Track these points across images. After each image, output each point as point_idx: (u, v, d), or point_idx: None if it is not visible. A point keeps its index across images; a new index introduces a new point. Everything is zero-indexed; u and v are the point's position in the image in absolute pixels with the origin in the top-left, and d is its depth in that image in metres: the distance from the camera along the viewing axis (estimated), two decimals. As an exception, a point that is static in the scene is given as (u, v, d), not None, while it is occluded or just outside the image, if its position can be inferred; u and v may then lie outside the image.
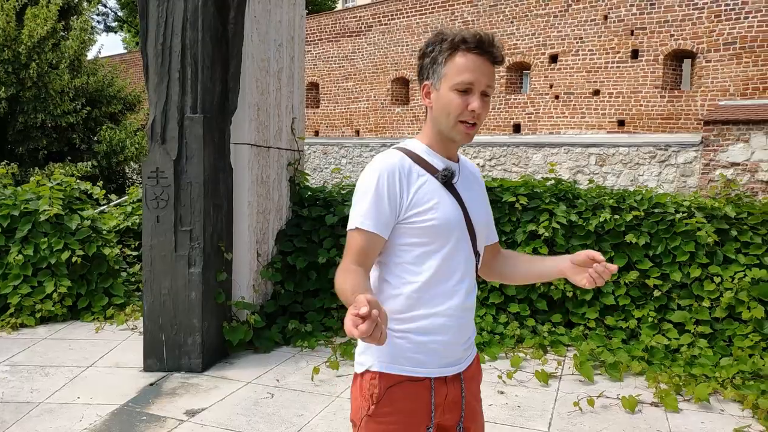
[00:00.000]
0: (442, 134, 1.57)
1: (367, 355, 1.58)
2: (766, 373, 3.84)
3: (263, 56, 4.83)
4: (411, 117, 15.68)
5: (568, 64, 13.00)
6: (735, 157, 10.00)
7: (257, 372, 4.20)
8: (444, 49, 1.52)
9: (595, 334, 4.73)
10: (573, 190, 5.37)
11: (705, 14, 11.41)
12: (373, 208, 1.49)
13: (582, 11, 12.72)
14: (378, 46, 16.37)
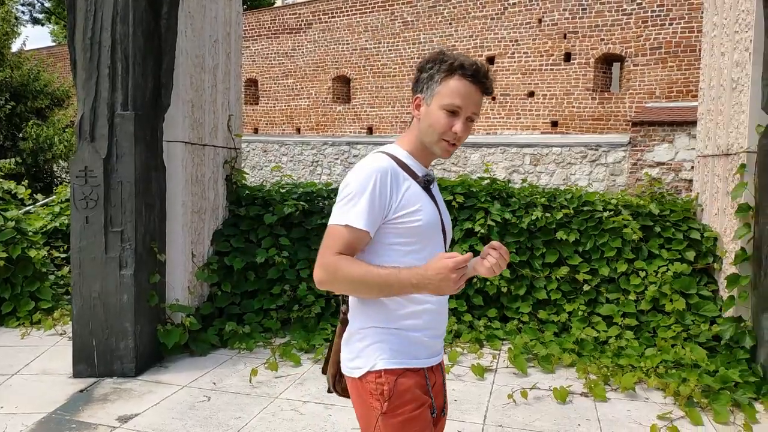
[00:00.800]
0: (425, 145, 1.68)
1: (363, 358, 1.65)
2: (687, 362, 4.06)
3: (198, 52, 4.73)
4: (353, 115, 15.68)
5: (505, 66, 13.32)
6: (660, 156, 10.51)
7: (193, 375, 4.12)
8: (442, 70, 1.61)
9: (529, 327, 4.88)
10: (507, 190, 5.52)
11: (633, 20, 11.92)
12: (367, 207, 1.56)
13: (518, 14, 13.06)
14: (318, 44, 16.28)
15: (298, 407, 3.62)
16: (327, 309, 4.99)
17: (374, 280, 1.51)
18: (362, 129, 15.44)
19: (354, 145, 14.37)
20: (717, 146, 4.79)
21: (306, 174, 15.05)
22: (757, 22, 4.11)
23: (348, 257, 1.55)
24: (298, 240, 5.17)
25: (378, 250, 1.63)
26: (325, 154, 14.82)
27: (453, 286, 1.44)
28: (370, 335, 1.65)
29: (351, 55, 15.60)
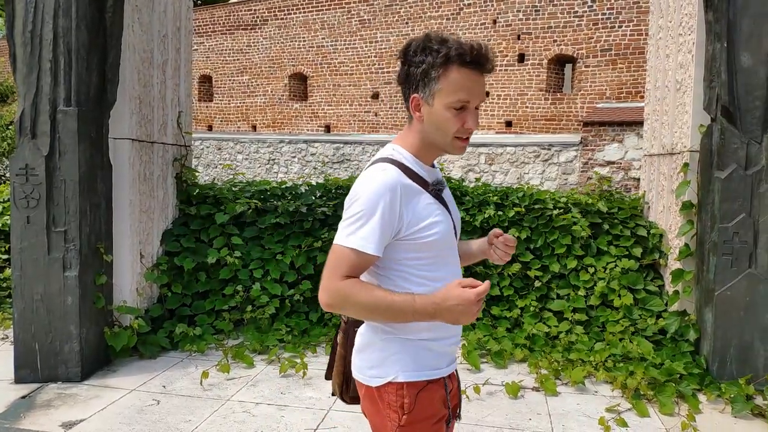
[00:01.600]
0: (434, 146, 1.56)
1: (385, 367, 1.58)
2: (635, 356, 4.18)
3: (146, 47, 4.61)
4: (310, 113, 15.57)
5: (461, 65, 13.46)
6: (610, 156, 10.79)
7: (142, 379, 4.01)
8: (437, 63, 1.45)
9: (482, 323, 4.93)
10: (461, 188, 5.57)
11: (584, 22, 12.20)
12: (377, 231, 1.46)
13: (473, 15, 13.20)
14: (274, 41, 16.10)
15: (250, 409, 3.57)
16: (281, 309, 4.93)
17: (387, 308, 1.44)
18: (320, 127, 15.35)
19: (311, 144, 14.27)
20: (662, 146, 4.93)
21: (262, 172, 14.87)
22: (698, 25, 4.25)
23: (356, 281, 1.47)
24: (251, 239, 5.09)
25: (388, 265, 1.55)
26: (281, 152, 14.68)
27: (473, 318, 1.39)
28: (391, 345, 1.58)
29: (307, 53, 15.48)
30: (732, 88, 3.90)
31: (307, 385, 3.94)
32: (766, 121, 3.89)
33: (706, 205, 4.06)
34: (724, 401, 3.74)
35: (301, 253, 5.02)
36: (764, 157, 3.87)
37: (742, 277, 3.88)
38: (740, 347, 3.94)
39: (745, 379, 3.81)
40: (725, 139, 3.92)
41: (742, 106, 3.90)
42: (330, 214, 5.16)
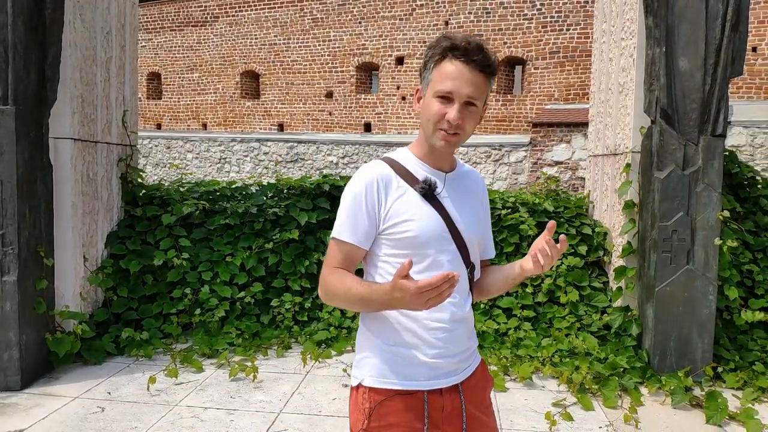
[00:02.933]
0: (427, 140, 1.55)
1: (360, 369, 1.58)
2: (580, 351, 4.30)
3: (88, 44, 4.46)
4: (262, 111, 15.39)
5: (414, 66, 13.54)
6: (559, 156, 11.06)
7: (86, 386, 3.88)
8: (434, 55, 1.50)
9: (435, 323, 4.98)
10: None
11: (533, 25, 12.46)
12: (351, 219, 1.51)
13: (425, 16, 13.30)
14: (225, 38, 15.84)
15: (198, 414, 3.50)
16: (231, 312, 4.86)
17: (354, 298, 1.45)
18: (272, 125, 15.19)
19: (264, 142, 14.12)
20: (606, 146, 5.09)
21: (213, 171, 14.62)
22: (639, 30, 4.39)
23: (338, 272, 1.50)
24: (199, 241, 4.99)
25: (374, 262, 1.57)
26: (233, 150, 14.46)
27: (423, 306, 1.29)
28: (367, 346, 1.58)
29: (260, 51, 15.30)
30: (670, 91, 4.06)
31: (258, 388, 3.90)
32: (702, 124, 4.06)
33: (647, 204, 4.21)
34: (664, 393, 3.88)
35: (252, 254, 4.96)
36: (701, 158, 4.04)
37: (680, 274, 4.04)
38: (679, 341, 4.10)
39: (684, 372, 3.97)
40: (664, 140, 4.07)
41: (680, 109, 4.06)
42: (282, 215, 5.12)
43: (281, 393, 3.81)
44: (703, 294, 4.04)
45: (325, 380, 4.04)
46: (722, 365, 4.20)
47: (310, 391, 3.85)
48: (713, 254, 4.04)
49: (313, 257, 5.06)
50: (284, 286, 5.02)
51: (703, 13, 4.04)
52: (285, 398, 3.73)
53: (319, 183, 5.25)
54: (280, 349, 4.51)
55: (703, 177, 4.02)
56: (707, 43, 4.04)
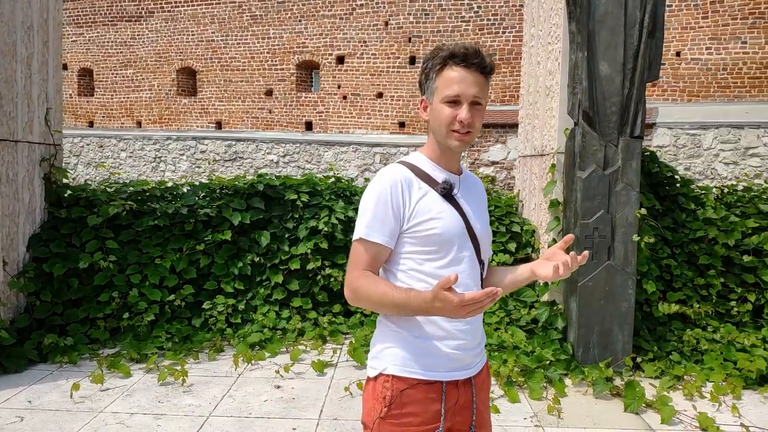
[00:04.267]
0: (441, 144, 1.63)
1: (380, 359, 1.62)
2: (509, 345, 4.42)
3: (7, 40, 4.27)
4: (199, 109, 15.05)
5: (354, 66, 13.55)
6: (495, 156, 11.32)
7: (5, 395, 3.72)
8: (435, 65, 1.59)
9: (370, 320, 5.03)
10: (351, 188, 5.64)
11: (471, 27, 12.70)
12: (378, 218, 1.55)
13: (365, 16, 13.34)
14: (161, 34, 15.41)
15: (124, 420, 3.42)
16: (161, 316, 4.75)
17: (389, 303, 1.49)
18: (210, 123, 14.89)
19: (201, 141, 13.82)
20: (534, 147, 5.25)
21: (148, 171, 14.21)
22: (564, 35, 4.56)
23: (369, 276, 1.54)
24: (127, 243, 4.86)
25: (396, 259, 1.61)
26: (169, 149, 14.09)
27: (462, 316, 1.38)
28: (389, 338, 1.62)
29: (197, 47, 14.96)
30: (592, 94, 4.23)
31: (187, 392, 3.83)
32: (621, 126, 4.25)
33: (570, 202, 4.38)
34: (587, 384, 4.05)
35: (183, 256, 4.86)
36: (620, 158, 4.24)
37: (601, 269, 4.23)
38: (601, 333, 4.29)
39: (605, 363, 4.16)
40: (586, 141, 4.24)
41: (601, 112, 4.24)
42: (214, 216, 5.04)
43: (211, 396, 3.76)
44: (623, 288, 4.24)
45: (257, 382, 4.01)
46: (641, 356, 4.42)
47: (242, 393, 3.82)
48: (632, 250, 4.24)
49: (246, 258, 5.01)
50: (217, 288, 4.95)
51: (622, 20, 4.22)
52: (215, 401, 3.68)
53: (253, 183, 5.21)
54: (212, 353, 4.45)
55: (623, 176, 4.22)
56: (626, 49, 4.23)
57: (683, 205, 5.15)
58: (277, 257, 5.11)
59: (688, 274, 5.01)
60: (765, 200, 5.36)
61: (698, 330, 4.77)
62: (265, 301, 5.03)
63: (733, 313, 5.03)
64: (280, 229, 5.21)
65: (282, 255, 5.11)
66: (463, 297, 1.34)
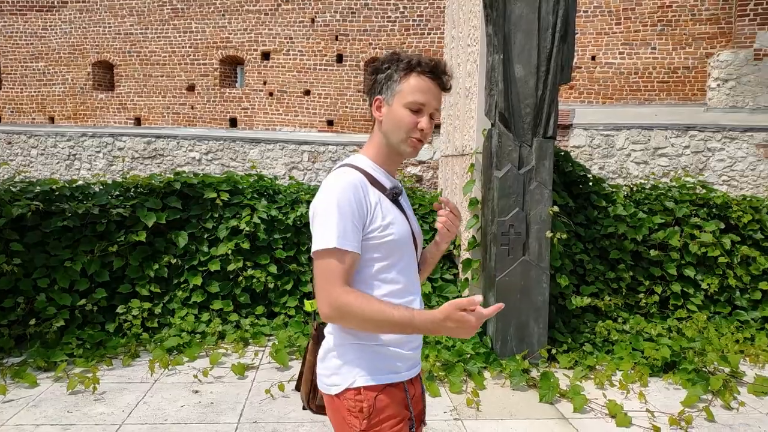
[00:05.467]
0: (391, 147, 1.64)
1: (343, 375, 1.59)
2: (430, 340, 4.50)
3: None
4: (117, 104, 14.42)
5: (280, 62, 13.38)
6: (422, 156, 11.47)
7: None
8: (400, 68, 1.59)
9: (295, 321, 4.98)
10: (274, 186, 5.56)
11: (397, 27, 12.80)
12: (347, 225, 1.51)
13: (291, 12, 13.19)
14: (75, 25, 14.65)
15: (28, 433, 3.23)
16: (72, 321, 4.52)
17: (387, 322, 1.47)
18: (129, 119, 14.30)
19: (119, 137, 13.26)
20: (455, 147, 5.36)
21: (62, 169, 13.48)
22: (482, 37, 4.68)
23: (357, 292, 1.50)
24: (33, 245, 4.58)
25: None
26: (84, 146, 13.42)
27: (473, 333, 1.43)
28: (349, 351, 1.60)
29: (114, 40, 14.32)
30: (507, 96, 4.36)
31: (99, 400, 3.67)
32: (535, 126, 4.40)
33: (488, 201, 4.50)
34: (504, 376, 4.18)
35: (94, 258, 4.64)
36: (534, 158, 4.39)
37: (517, 264, 4.36)
38: (518, 326, 4.43)
39: (522, 355, 4.30)
40: (502, 142, 4.37)
41: (516, 113, 4.38)
42: (127, 216, 4.84)
43: (125, 404, 3.61)
44: (538, 282, 4.40)
45: (174, 388, 3.89)
46: (556, 347, 4.60)
47: (157, 399, 3.69)
48: (546, 246, 4.40)
49: (163, 260, 4.84)
50: (131, 291, 4.76)
51: (536, 24, 4.37)
52: (128, 409, 3.54)
53: (169, 181, 5.04)
54: (127, 358, 4.28)
55: (536, 175, 4.37)
56: (539, 52, 4.38)
57: (595, 203, 5.40)
58: (196, 258, 4.97)
59: (599, 268, 5.27)
60: (670, 198, 5.71)
61: (609, 321, 5.02)
62: (183, 304, 4.88)
63: (641, 305, 5.33)
64: (198, 229, 5.07)
65: (201, 256, 4.98)
66: (482, 314, 1.40)
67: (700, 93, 10.96)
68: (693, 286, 5.45)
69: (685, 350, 4.48)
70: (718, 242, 5.44)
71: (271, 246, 5.20)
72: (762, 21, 10.05)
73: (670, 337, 4.85)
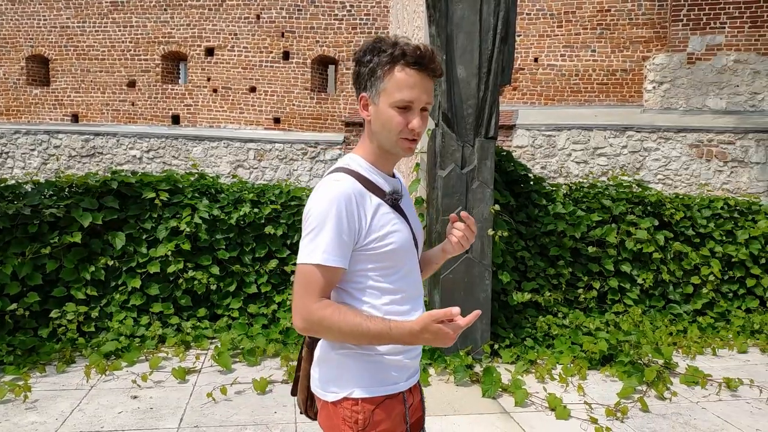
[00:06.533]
0: (383, 148, 1.53)
1: (341, 383, 1.53)
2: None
3: None
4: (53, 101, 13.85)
5: (225, 58, 13.14)
6: (369, 153, 11.50)
7: None
8: (383, 62, 1.45)
9: (238, 323, 4.90)
10: (216, 185, 5.45)
11: (344, 25, 12.77)
12: (336, 240, 1.43)
13: (236, 8, 12.97)
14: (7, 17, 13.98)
15: (-50, 446, 3.07)
16: (2, 327, 4.31)
17: (362, 335, 1.42)
18: (65, 116, 13.75)
19: (55, 135, 12.73)
20: (401, 145, 5.39)
21: (-7, 168, 12.84)
22: (425, 37, 4.72)
23: (334, 306, 1.45)
24: (-42, 248, 4.36)
25: (352, 278, 1.52)
26: (17, 144, 12.83)
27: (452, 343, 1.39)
28: (347, 361, 1.53)
29: (49, 33, 13.74)
30: (450, 96, 4.42)
31: (31, 409, 3.51)
32: (477, 127, 4.47)
33: (432, 200, 4.54)
34: (448, 372, 4.23)
35: (26, 261, 4.44)
36: (476, 158, 4.46)
37: (460, 262, 4.43)
38: (462, 324, 4.49)
39: (465, 351, 4.37)
40: (445, 142, 4.42)
41: (458, 113, 4.44)
42: (61, 216, 4.65)
43: (58, 412, 3.48)
44: (480, 279, 4.47)
45: (112, 393, 3.77)
46: (499, 343, 4.70)
47: (93, 406, 3.57)
48: (488, 244, 4.48)
49: (99, 262, 4.68)
50: (66, 294, 4.58)
51: (477, 26, 4.44)
52: (62, 417, 3.41)
53: (106, 180, 4.87)
54: (61, 365, 4.12)
55: (478, 175, 4.44)
56: (481, 53, 4.45)
57: (536, 201, 5.54)
58: (135, 260, 4.82)
59: (540, 264, 5.40)
60: (607, 196, 5.91)
61: (550, 316, 5.16)
62: (121, 308, 4.73)
63: (580, 300, 5.49)
64: (137, 230, 4.92)
65: (140, 257, 4.84)
66: (459, 326, 1.35)
67: (637, 95, 11.40)
68: (629, 281, 5.66)
69: (622, 343, 4.65)
70: (652, 239, 5.67)
71: (213, 247, 5.10)
72: (695, 26, 10.52)
73: (608, 330, 5.02)
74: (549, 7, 11.78)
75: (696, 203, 6.13)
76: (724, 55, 10.31)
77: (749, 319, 5.57)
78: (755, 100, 10.23)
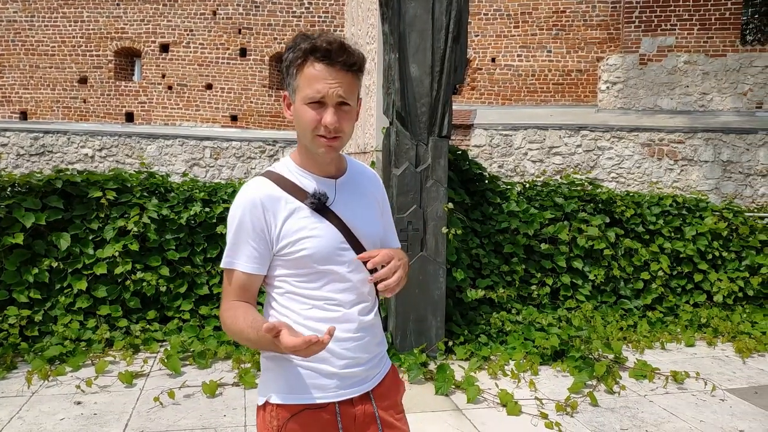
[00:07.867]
0: (307, 148, 1.48)
1: (264, 386, 1.51)
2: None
3: None
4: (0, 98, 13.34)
5: (180, 55, 12.87)
6: (328, 152, 11.44)
7: None
8: (296, 58, 1.41)
9: (189, 325, 4.80)
10: (165, 184, 5.33)
11: (302, 22, 12.66)
12: (238, 246, 1.44)
13: (191, 3, 12.73)
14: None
15: None
16: (-64, 332, 4.13)
17: (249, 341, 1.41)
18: (13, 113, 13.26)
19: (2, 132, 12.27)
20: (357, 145, 5.37)
21: (-65, 167, 12.28)
22: (379, 36, 4.71)
23: (233, 308, 1.44)
24: None
25: (272, 282, 1.50)
26: (-40, 142, 12.33)
27: (311, 354, 1.30)
28: (269, 364, 1.51)
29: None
30: (404, 95, 4.41)
31: (-35, 418, 3.37)
32: (431, 126, 4.48)
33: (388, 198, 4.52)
34: (403, 370, 4.23)
35: (-38, 263, 4.26)
36: (430, 156, 4.46)
37: (415, 260, 4.43)
38: (417, 320, 4.50)
39: (420, 349, 4.37)
40: (399, 140, 4.41)
41: (412, 112, 4.44)
42: (2, 217, 4.47)
43: None
44: (434, 277, 4.48)
45: (54, 400, 3.64)
46: (453, 340, 4.72)
47: (34, 413, 3.44)
48: (442, 241, 4.49)
49: (43, 264, 4.52)
50: (8, 298, 4.40)
51: (430, 24, 4.44)
52: (1, 425, 3.27)
53: (50, 179, 4.69)
54: (1, 371, 3.96)
55: (432, 173, 4.45)
56: (433, 52, 4.46)
57: (490, 200, 5.59)
58: (80, 261, 4.67)
59: (495, 262, 5.45)
60: (560, 194, 6.01)
61: (504, 313, 5.22)
62: (66, 311, 4.58)
63: (534, 296, 5.57)
64: (83, 230, 4.76)
65: (86, 259, 4.68)
66: (287, 345, 1.26)
67: (591, 95, 11.63)
68: (581, 277, 5.76)
69: (573, 339, 4.73)
70: (603, 236, 5.79)
71: (163, 247, 4.98)
72: (646, 28, 10.80)
73: (560, 326, 5.10)
74: (506, 7, 11.92)
75: (646, 201, 6.28)
76: (674, 57, 10.61)
77: (696, 314, 5.73)
78: (704, 100, 10.56)
